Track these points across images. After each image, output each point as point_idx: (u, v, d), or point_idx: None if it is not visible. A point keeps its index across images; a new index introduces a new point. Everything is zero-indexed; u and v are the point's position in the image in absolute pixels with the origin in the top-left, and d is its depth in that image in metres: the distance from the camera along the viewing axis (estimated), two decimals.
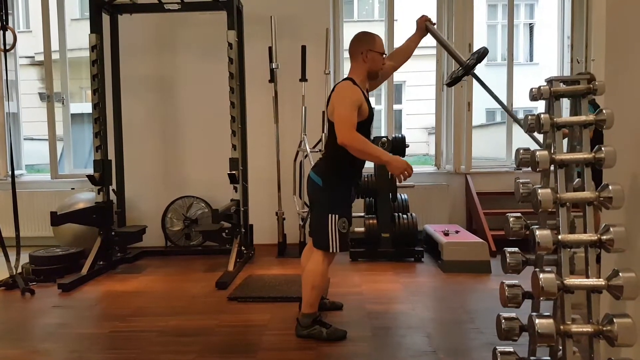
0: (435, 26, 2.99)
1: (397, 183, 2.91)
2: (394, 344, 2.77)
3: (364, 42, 2.79)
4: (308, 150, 4.76)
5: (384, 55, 2.84)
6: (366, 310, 3.31)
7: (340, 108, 2.65)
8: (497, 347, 1.86)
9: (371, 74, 2.81)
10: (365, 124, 2.72)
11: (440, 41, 3.09)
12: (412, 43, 3.04)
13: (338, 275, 4.13)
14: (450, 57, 3.08)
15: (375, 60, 2.78)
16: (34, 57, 9.71)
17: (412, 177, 5.57)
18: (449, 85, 3.12)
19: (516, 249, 1.84)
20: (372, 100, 3.75)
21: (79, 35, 5.80)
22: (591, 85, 1.81)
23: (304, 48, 4.95)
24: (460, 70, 2.95)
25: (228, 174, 4.39)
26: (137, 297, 3.72)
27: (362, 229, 4.70)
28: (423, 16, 3.00)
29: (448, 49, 3.05)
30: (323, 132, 4.77)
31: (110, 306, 3.56)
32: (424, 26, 2.97)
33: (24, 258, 4.21)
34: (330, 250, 2.75)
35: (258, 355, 2.63)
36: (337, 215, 2.73)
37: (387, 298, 3.59)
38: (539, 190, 1.75)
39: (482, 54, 2.89)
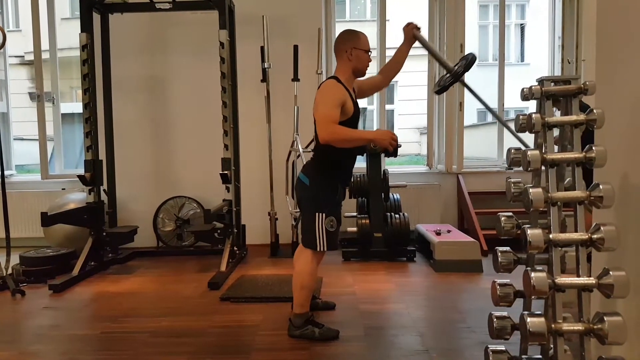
0: (420, 32, 2.92)
1: (388, 157, 2.80)
2: (387, 343, 2.78)
3: (348, 40, 2.78)
4: (300, 150, 4.76)
5: (370, 53, 2.82)
6: (359, 310, 3.31)
7: (320, 107, 2.63)
8: (489, 346, 1.87)
9: (357, 72, 2.80)
10: (350, 123, 2.70)
11: (428, 49, 3.00)
12: (402, 54, 2.99)
13: (331, 275, 4.13)
14: (438, 63, 2.99)
15: (360, 58, 2.76)
16: (23, 56, 9.64)
17: (404, 177, 5.62)
18: (438, 93, 3.00)
19: (508, 248, 1.85)
20: (364, 99, 3.73)
21: (70, 35, 5.77)
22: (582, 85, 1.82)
23: (296, 48, 4.95)
24: (449, 77, 2.88)
25: (220, 174, 4.38)
26: (128, 297, 3.70)
27: (355, 229, 4.70)
28: (410, 24, 2.93)
29: (436, 56, 2.99)
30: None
31: (101, 307, 3.54)
32: (411, 35, 2.92)
33: (14, 259, 4.18)
34: (318, 249, 2.75)
35: (251, 355, 2.63)
36: (324, 214, 2.73)
37: (380, 298, 3.59)
38: (530, 190, 1.76)
39: (471, 60, 2.81)
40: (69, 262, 4.34)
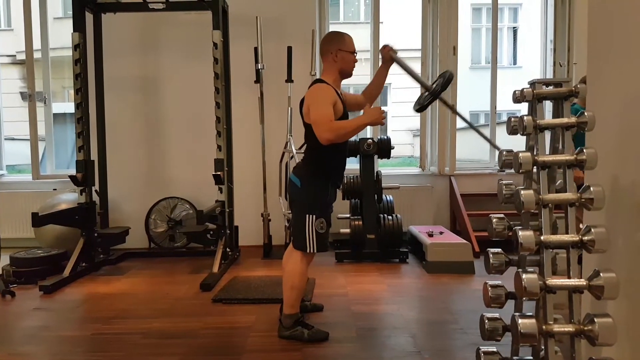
0: (397, 53, 2.94)
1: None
2: (379, 344, 2.78)
3: (333, 42, 2.80)
4: (294, 151, 4.76)
5: (355, 54, 2.83)
6: (351, 311, 3.31)
7: (314, 109, 2.63)
8: (481, 347, 1.87)
9: (343, 73, 2.82)
10: None
11: (405, 69, 3.02)
12: (381, 76, 3.02)
13: (324, 276, 4.13)
14: (417, 82, 3.01)
15: (345, 60, 2.79)
16: (15, 55, 9.56)
17: (397, 179, 5.64)
18: (419, 111, 3.05)
19: (499, 250, 1.86)
20: None
21: (62, 34, 5.74)
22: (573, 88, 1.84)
23: (289, 49, 4.95)
24: (427, 96, 2.91)
25: (213, 174, 4.37)
26: (120, 299, 3.68)
27: (348, 230, 4.70)
28: (386, 46, 2.94)
29: (414, 76, 2.99)
30: None
31: (92, 308, 3.52)
32: (389, 57, 2.93)
33: (5, 260, 4.15)
34: (308, 251, 2.76)
35: (243, 357, 2.62)
36: (314, 216, 2.73)
37: (372, 299, 3.60)
38: (522, 192, 1.77)
39: (448, 78, 2.84)
40: (59, 263, 4.31)
